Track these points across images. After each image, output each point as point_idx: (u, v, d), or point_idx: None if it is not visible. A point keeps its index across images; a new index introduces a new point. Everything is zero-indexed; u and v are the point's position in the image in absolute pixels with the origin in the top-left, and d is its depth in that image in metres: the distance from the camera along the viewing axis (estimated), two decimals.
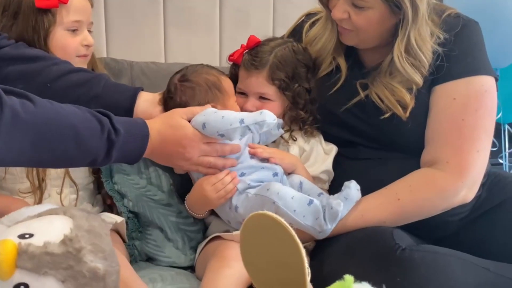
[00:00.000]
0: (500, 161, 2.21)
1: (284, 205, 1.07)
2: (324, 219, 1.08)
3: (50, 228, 0.72)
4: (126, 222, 1.22)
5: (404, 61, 1.16)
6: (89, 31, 1.24)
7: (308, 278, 0.67)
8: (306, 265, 0.66)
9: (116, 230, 1.20)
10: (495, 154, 2.18)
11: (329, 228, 1.09)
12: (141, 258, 1.24)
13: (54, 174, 1.18)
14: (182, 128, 1.04)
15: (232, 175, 1.11)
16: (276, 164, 1.16)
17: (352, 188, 1.12)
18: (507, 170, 2.20)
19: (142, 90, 1.15)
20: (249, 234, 0.69)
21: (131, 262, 1.21)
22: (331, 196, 1.15)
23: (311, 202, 1.09)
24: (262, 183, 1.13)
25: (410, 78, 1.17)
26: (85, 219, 0.74)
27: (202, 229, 1.25)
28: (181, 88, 1.16)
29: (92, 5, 1.25)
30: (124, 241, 1.21)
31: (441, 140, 1.17)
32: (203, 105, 1.14)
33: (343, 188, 1.14)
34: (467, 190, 1.16)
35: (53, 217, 0.75)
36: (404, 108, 1.18)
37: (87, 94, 1.08)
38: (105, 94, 1.09)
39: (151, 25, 2.02)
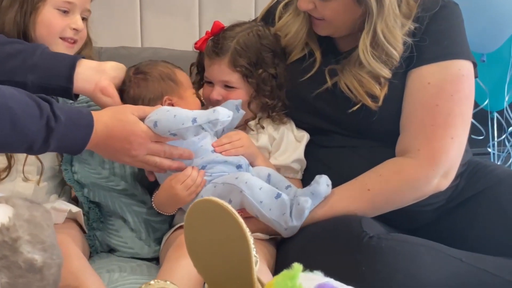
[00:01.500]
0: (489, 150, 2.21)
1: (251, 195, 1.08)
2: (290, 215, 1.09)
3: None
4: (87, 212, 1.22)
5: (369, 55, 1.15)
6: (83, 18, 1.24)
7: (256, 267, 0.68)
8: (253, 253, 0.67)
9: (75, 219, 1.20)
10: (482, 143, 2.18)
11: (295, 225, 1.10)
12: (102, 249, 1.24)
13: (22, 160, 1.18)
14: (131, 124, 1.03)
15: (196, 169, 1.12)
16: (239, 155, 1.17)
17: (321, 183, 1.12)
18: (495, 160, 2.20)
19: (84, 58, 1.14)
20: (194, 222, 0.69)
21: (91, 253, 1.22)
22: (299, 190, 1.16)
23: (279, 195, 1.09)
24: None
25: (376, 72, 1.17)
26: (26, 208, 0.74)
27: (168, 220, 1.25)
28: (135, 80, 1.18)
29: None
30: (84, 231, 1.21)
31: (414, 127, 1.17)
32: (158, 97, 1.15)
33: (312, 182, 1.14)
34: (440, 179, 1.16)
35: None
36: (374, 98, 1.17)
37: (23, 65, 1.07)
38: (42, 63, 1.08)
39: (126, 7, 2.01)
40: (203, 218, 0.68)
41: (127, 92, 1.17)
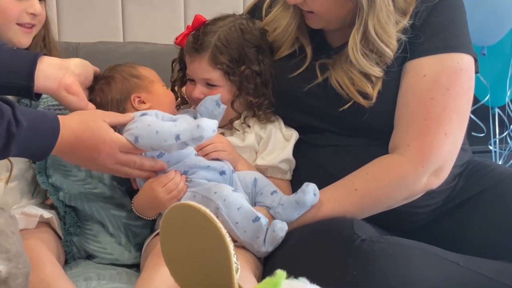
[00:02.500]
0: (490, 147, 2.21)
1: (228, 214, 1.08)
2: (264, 241, 1.09)
3: None
4: (64, 217, 1.21)
5: (359, 53, 1.14)
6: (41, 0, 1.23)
7: (237, 275, 0.67)
8: (234, 259, 0.66)
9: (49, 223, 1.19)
10: (483, 141, 2.19)
11: (267, 251, 1.10)
12: (80, 256, 1.24)
13: None
14: (101, 131, 1.03)
15: (178, 173, 1.12)
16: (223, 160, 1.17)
17: (307, 192, 1.12)
18: (497, 158, 2.20)
19: (46, 54, 1.13)
20: (171, 228, 0.69)
21: (68, 260, 1.21)
22: (284, 197, 1.15)
23: (257, 219, 1.09)
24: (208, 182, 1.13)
25: (365, 71, 1.16)
26: None
27: (149, 224, 1.25)
28: (98, 87, 1.19)
29: None
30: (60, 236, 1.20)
31: (406, 121, 1.17)
32: (126, 97, 1.17)
33: (299, 190, 1.13)
34: (431, 177, 1.16)
35: None
36: (367, 96, 1.17)
37: None
38: (0, 60, 1.06)
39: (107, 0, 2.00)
40: (180, 224, 0.67)
41: (94, 101, 1.17)
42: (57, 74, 1.10)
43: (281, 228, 1.09)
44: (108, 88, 1.18)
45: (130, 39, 1.99)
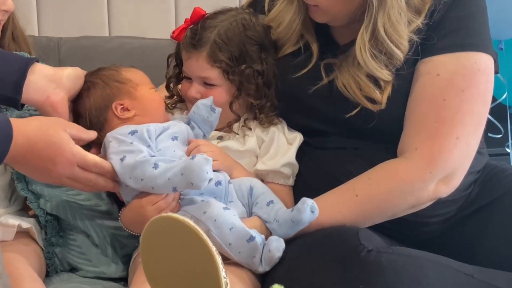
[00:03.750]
0: (507, 150, 2.20)
1: (219, 235, 1.07)
2: (261, 260, 1.09)
3: None
4: (45, 226, 1.21)
5: (367, 54, 1.14)
6: None
7: None
8: (223, 274, 0.66)
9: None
10: (500, 142, 2.18)
11: (264, 270, 1.11)
12: (63, 268, 1.24)
13: None
14: (61, 142, 1.01)
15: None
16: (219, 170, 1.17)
17: (303, 211, 1.11)
18: None
19: (38, 61, 1.12)
20: (152, 242, 0.68)
21: (50, 273, 1.21)
22: (281, 210, 1.15)
23: (251, 238, 1.08)
24: (202, 195, 1.13)
25: (374, 74, 1.16)
26: None
27: (138, 235, 1.25)
28: (80, 95, 1.19)
29: None
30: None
31: (416, 123, 1.17)
32: (106, 105, 1.17)
33: (294, 208, 1.13)
34: (439, 183, 1.16)
35: None
36: (375, 102, 1.17)
37: None
38: None
39: None
40: (162, 238, 0.67)
41: (76, 111, 1.18)
42: (48, 87, 1.10)
43: (277, 248, 1.09)
44: (87, 95, 1.18)
45: (116, 33, 1.99)
